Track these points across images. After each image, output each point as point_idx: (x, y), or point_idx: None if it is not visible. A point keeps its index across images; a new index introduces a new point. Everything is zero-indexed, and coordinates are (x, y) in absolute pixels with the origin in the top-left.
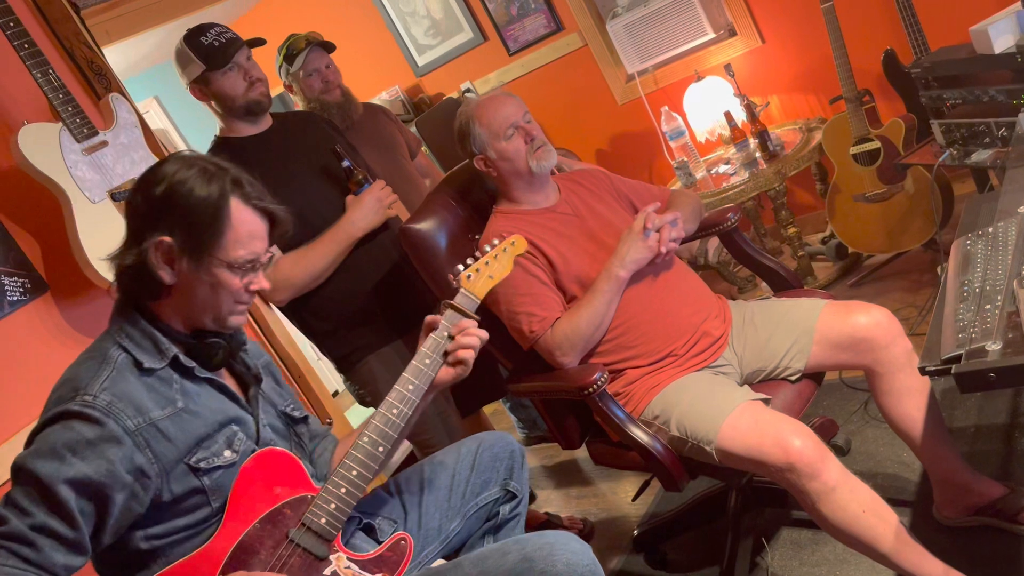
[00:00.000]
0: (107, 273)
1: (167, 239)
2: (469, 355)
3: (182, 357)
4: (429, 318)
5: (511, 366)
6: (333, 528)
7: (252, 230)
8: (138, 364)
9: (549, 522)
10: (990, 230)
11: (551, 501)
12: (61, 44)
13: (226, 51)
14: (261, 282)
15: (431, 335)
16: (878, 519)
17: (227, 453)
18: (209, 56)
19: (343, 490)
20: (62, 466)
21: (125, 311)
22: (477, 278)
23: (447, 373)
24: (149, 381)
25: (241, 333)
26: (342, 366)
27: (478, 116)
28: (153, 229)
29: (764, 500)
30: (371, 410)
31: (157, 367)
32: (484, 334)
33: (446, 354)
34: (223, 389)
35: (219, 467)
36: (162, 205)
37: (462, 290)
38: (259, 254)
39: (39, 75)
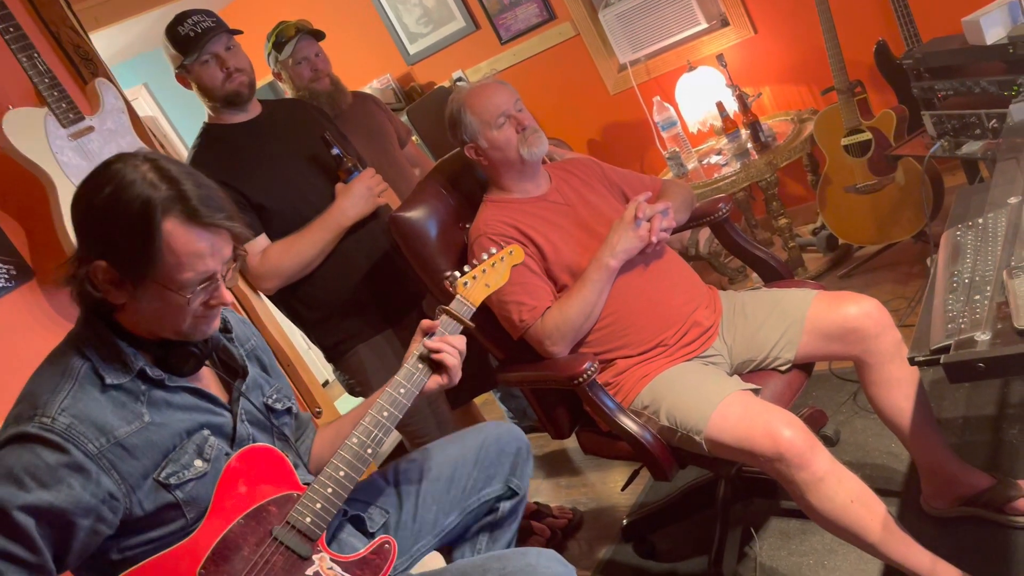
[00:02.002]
0: None
1: (103, 264)
2: (445, 358)
3: (149, 370)
4: (425, 322)
5: (501, 356)
6: (318, 528)
7: (196, 250)
8: (101, 378)
9: (538, 512)
10: (980, 221)
11: (541, 491)
12: (47, 28)
13: (199, 41)
14: (221, 296)
15: (424, 340)
16: (866, 509)
17: (198, 463)
18: (183, 46)
19: (330, 490)
20: (19, 491)
21: (88, 319)
22: (474, 285)
23: (433, 381)
24: (115, 395)
25: (221, 324)
26: (332, 355)
27: (469, 104)
28: (89, 250)
29: (753, 490)
30: (360, 400)
31: (122, 381)
32: (460, 344)
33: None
34: (198, 393)
35: (191, 479)
36: (95, 223)
37: (458, 296)
38: (210, 272)
39: (24, 59)
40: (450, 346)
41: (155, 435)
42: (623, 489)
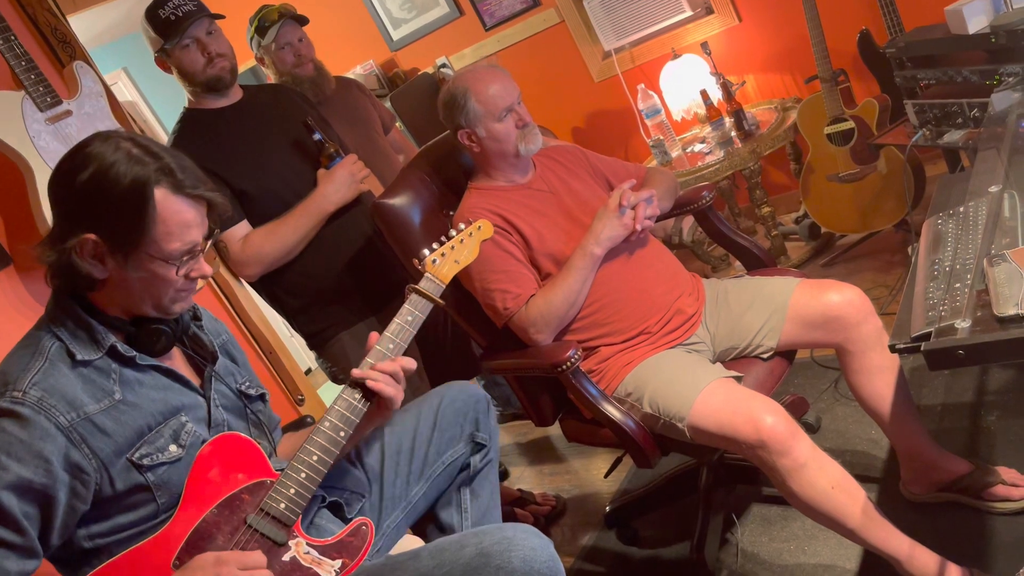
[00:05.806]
0: None
1: (91, 237)
2: (377, 387)
3: (120, 346)
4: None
5: (485, 343)
6: (292, 514)
7: (184, 220)
8: (72, 355)
9: (522, 499)
10: (961, 210)
11: (524, 478)
12: (24, 10)
13: (180, 25)
14: (202, 269)
15: (394, 320)
16: (847, 495)
17: (172, 448)
18: (164, 30)
19: (303, 475)
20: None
21: (61, 299)
22: (443, 262)
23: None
24: (85, 372)
25: (189, 311)
26: (314, 343)
27: (475, 91)
28: (76, 225)
29: (735, 477)
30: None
31: (92, 358)
32: (397, 368)
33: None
34: (170, 374)
35: (163, 463)
36: (84, 198)
37: (427, 275)
38: (196, 243)
39: (1, 42)
40: (378, 375)
41: (127, 414)
42: (606, 476)
